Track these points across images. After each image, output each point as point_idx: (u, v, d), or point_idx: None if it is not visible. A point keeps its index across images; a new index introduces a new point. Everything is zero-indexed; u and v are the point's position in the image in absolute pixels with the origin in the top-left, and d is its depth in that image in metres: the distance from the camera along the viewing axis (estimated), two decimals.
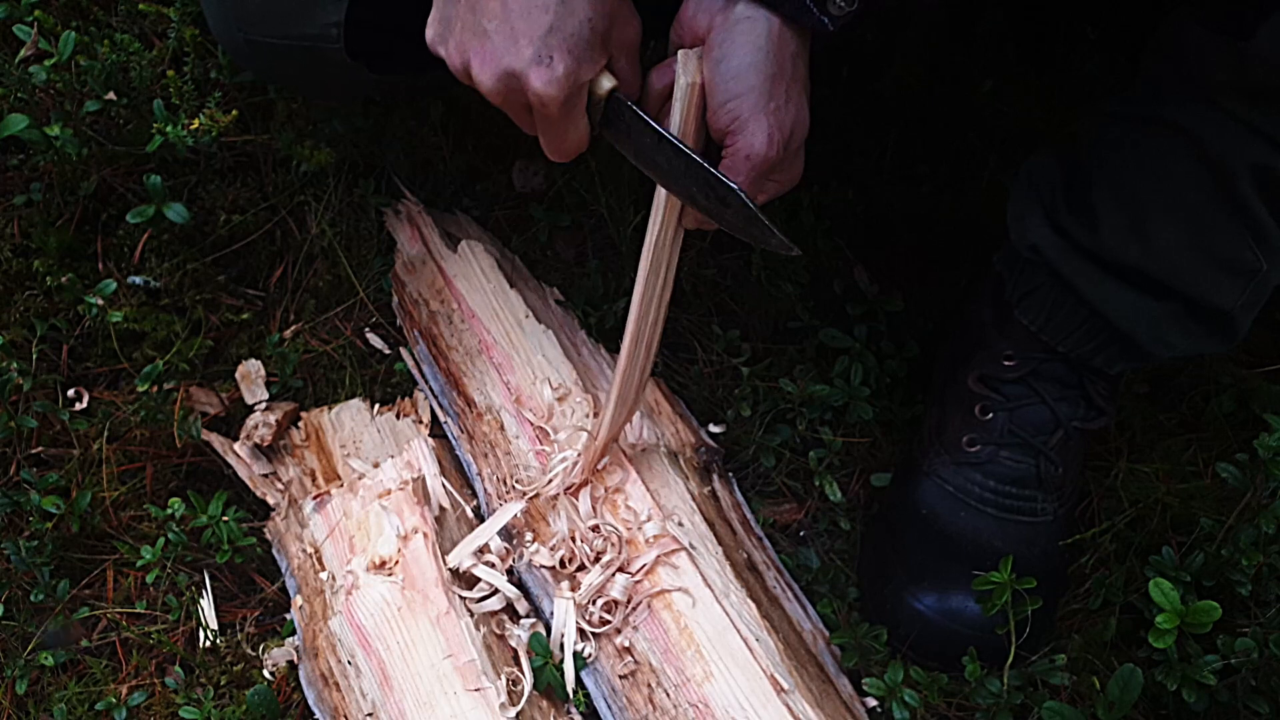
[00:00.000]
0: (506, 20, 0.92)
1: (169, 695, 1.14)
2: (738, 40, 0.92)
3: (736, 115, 0.93)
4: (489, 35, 0.93)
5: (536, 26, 0.91)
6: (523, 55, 0.92)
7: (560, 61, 0.92)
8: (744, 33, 0.92)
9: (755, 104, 0.92)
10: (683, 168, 0.96)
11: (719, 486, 1.24)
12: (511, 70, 0.93)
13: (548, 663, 1.06)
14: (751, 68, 0.92)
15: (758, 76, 0.92)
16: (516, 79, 0.94)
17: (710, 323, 1.40)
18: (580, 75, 0.94)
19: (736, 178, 0.94)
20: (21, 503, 1.21)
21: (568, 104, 0.95)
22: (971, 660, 1.09)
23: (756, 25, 0.92)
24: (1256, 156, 1.02)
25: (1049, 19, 1.56)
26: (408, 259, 1.39)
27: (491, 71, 0.94)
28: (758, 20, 0.91)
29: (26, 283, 1.38)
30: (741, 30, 0.92)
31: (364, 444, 1.29)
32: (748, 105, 0.92)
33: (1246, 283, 1.09)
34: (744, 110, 0.92)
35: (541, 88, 0.93)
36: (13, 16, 1.31)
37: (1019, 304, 1.19)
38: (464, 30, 0.95)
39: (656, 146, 0.97)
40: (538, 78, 0.92)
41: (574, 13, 0.92)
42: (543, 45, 0.92)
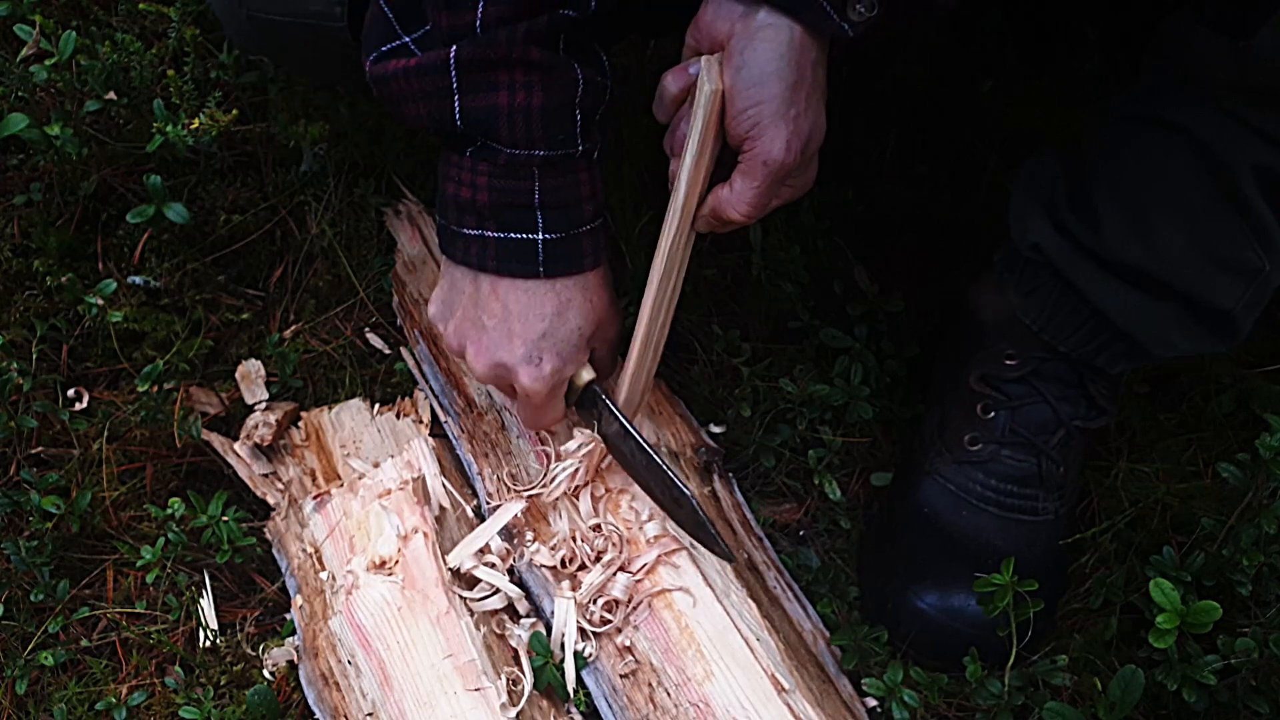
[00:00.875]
0: (505, 321, 1.05)
1: (169, 695, 1.14)
2: (759, 47, 0.92)
3: (756, 122, 0.93)
4: (487, 330, 1.06)
5: (532, 331, 1.05)
6: (515, 353, 1.06)
7: (548, 363, 1.06)
8: (766, 40, 0.92)
9: (775, 111, 0.93)
10: (644, 462, 1.09)
11: (719, 486, 1.24)
12: (503, 363, 1.07)
13: (548, 662, 1.06)
14: (773, 75, 0.92)
15: (779, 84, 0.92)
16: (507, 370, 1.07)
17: (710, 323, 1.40)
18: (564, 374, 1.08)
19: (753, 182, 0.96)
20: (21, 503, 1.21)
21: (550, 395, 1.08)
22: (973, 660, 1.09)
23: (779, 33, 0.92)
24: (1258, 157, 1.02)
25: (1049, 19, 1.56)
26: (408, 259, 1.39)
27: (485, 361, 1.07)
28: (780, 28, 0.92)
29: (26, 283, 1.39)
30: (763, 38, 0.92)
31: (364, 444, 1.29)
32: (768, 112, 0.93)
33: (1248, 283, 1.09)
34: (764, 117, 0.93)
35: (529, 384, 1.07)
36: (14, 16, 1.31)
37: (1020, 304, 1.19)
38: (464, 319, 1.08)
39: (622, 438, 1.10)
40: (526, 375, 1.06)
41: (566, 322, 1.06)
42: (534, 347, 1.05)
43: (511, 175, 1.00)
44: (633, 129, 1.45)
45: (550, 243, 1.03)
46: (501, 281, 1.04)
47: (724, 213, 1.00)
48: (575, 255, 1.05)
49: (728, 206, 0.99)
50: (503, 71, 0.96)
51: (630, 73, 1.50)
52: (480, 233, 1.03)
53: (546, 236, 1.03)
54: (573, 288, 1.05)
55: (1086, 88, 1.55)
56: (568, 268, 1.04)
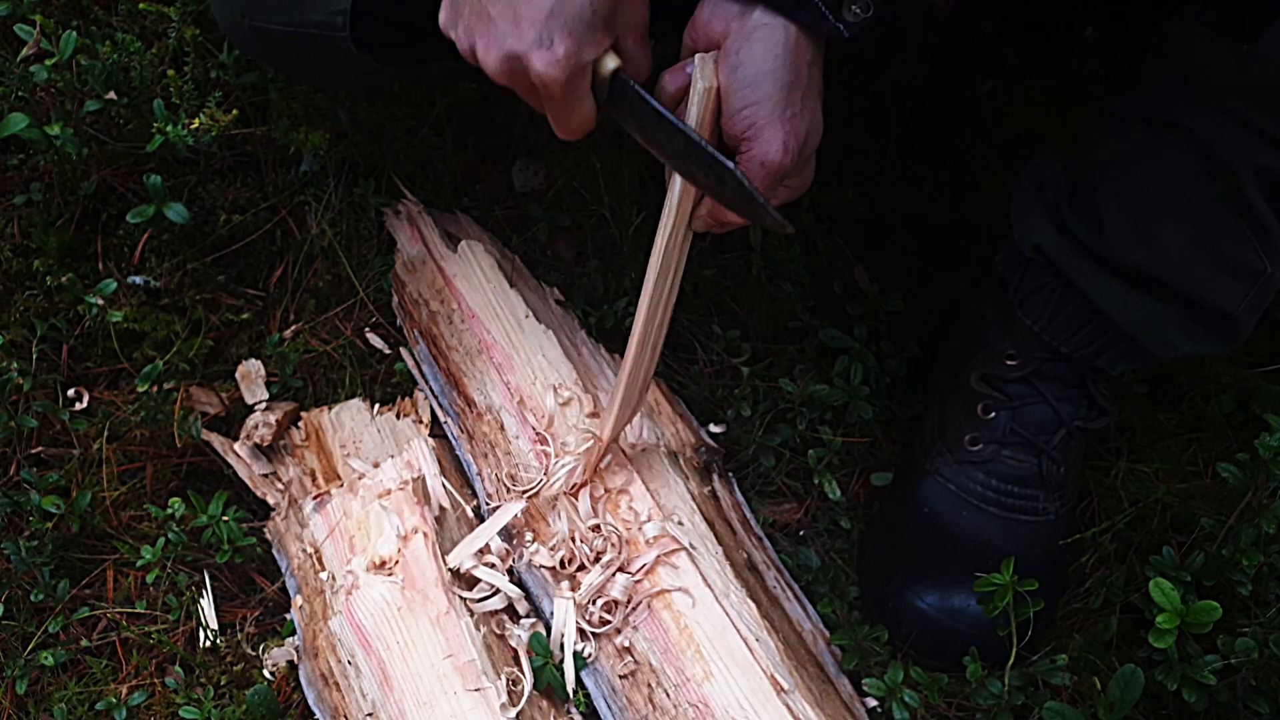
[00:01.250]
0: (510, 5, 0.94)
1: (169, 695, 1.14)
2: (755, 47, 0.92)
3: (752, 122, 0.93)
4: (493, 19, 0.95)
5: (538, 10, 0.93)
6: (525, 38, 0.94)
7: (561, 44, 0.94)
8: (761, 40, 0.92)
9: (771, 111, 0.92)
10: (682, 147, 0.97)
11: (719, 486, 1.24)
12: (514, 53, 0.95)
13: (548, 663, 1.06)
14: (768, 75, 0.92)
15: (774, 84, 0.92)
16: (519, 61, 0.95)
17: (710, 323, 1.40)
18: (581, 57, 0.95)
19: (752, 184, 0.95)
20: (21, 503, 1.21)
21: (570, 85, 0.96)
22: (973, 660, 1.09)
23: (774, 33, 0.92)
24: (1262, 159, 1.02)
25: (1049, 19, 1.56)
26: (408, 259, 1.39)
27: (495, 54, 0.96)
28: (775, 28, 0.92)
29: (26, 283, 1.38)
30: (759, 37, 0.92)
31: (364, 444, 1.29)
32: (764, 112, 0.92)
33: (1250, 285, 1.09)
34: (760, 117, 0.93)
35: (543, 69, 0.95)
36: (14, 15, 1.31)
37: (1022, 304, 1.19)
38: (471, 14, 0.97)
39: (658, 126, 0.98)
40: (539, 60, 0.94)
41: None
42: (544, 28, 0.94)
43: None
44: None
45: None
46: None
47: (722, 214, 0.99)
48: None
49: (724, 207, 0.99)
50: None
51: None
52: None
53: None
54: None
55: (1086, 88, 1.55)
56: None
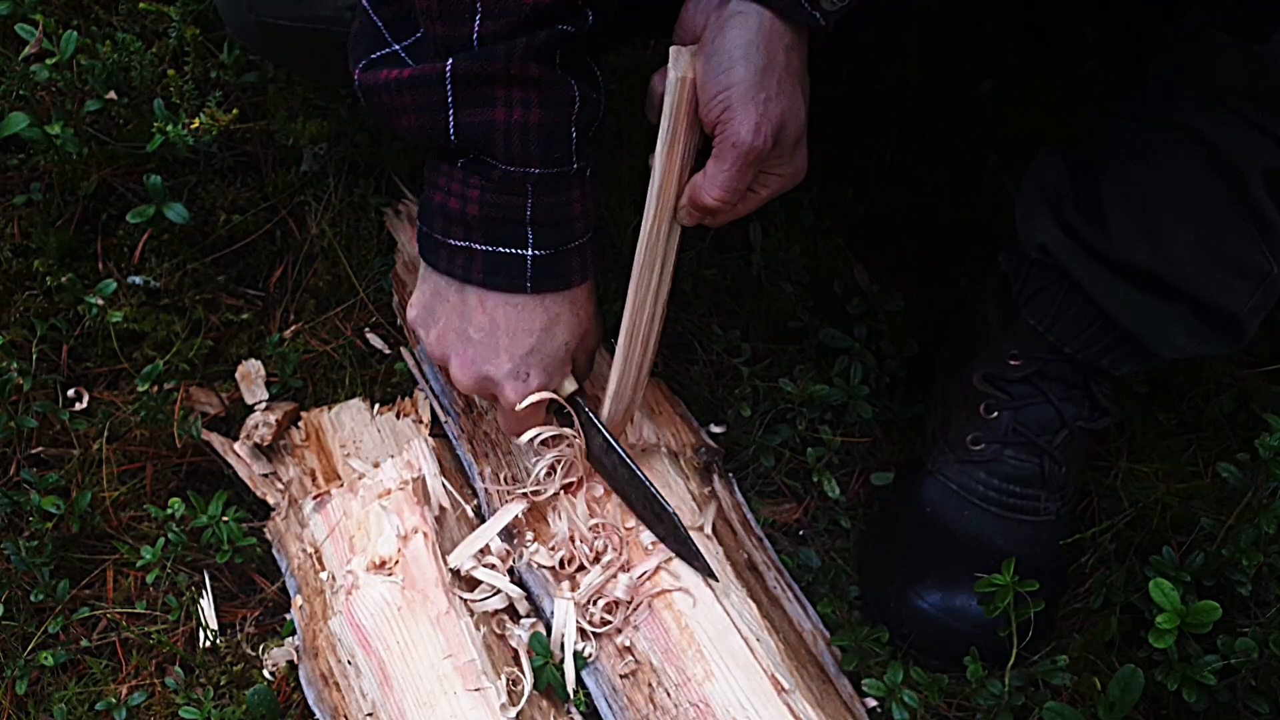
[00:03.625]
0: (493, 335, 1.04)
1: (169, 695, 1.14)
2: (729, 35, 0.92)
3: (726, 105, 0.93)
4: (473, 342, 1.05)
5: (519, 346, 1.05)
6: (502, 368, 1.05)
7: (535, 378, 1.06)
8: (735, 27, 0.92)
9: (744, 94, 0.93)
10: (627, 476, 1.09)
11: (719, 486, 1.24)
12: (489, 377, 1.06)
13: (548, 662, 1.06)
14: (741, 60, 0.92)
15: (747, 69, 0.92)
16: (492, 384, 1.07)
17: (710, 323, 1.40)
18: (550, 387, 1.08)
19: (723, 165, 0.96)
20: (21, 503, 1.21)
21: (534, 408, 1.08)
22: (973, 660, 1.09)
23: (748, 20, 0.92)
24: (1269, 160, 1.02)
25: (1049, 19, 1.56)
26: (408, 259, 1.39)
27: (471, 373, 1.06)
28: (749, 15, 0.92)
29: (26, 283, 1.39)
30: (733, 24, 0.93)
31: (364, 444, 1.29)
32: (736, 96, 0.93)
33: (1256, 285, 1.09)
34: (733, 100, 0.93)
35: (515, 398, 1.06)
36: (15, 15, 1.31)
37: (1026, 304, 1.19)
38: (448, 329, 1.06)
39: (605, 450, 1.10)
40: (513, 390, 1.06)
41: (554, 338, 1.05)
42: (522, 363, 1.05)
43: (505, 191, 0.99)
44: (631, 129, 1.45)
45: (539, 259, 1.02)
46: (489, 295, 1.03)
47: (699, 198, 0.99)
48: (563, 272, 1.03)
49: (702, 191, 0.98)
50: (500, 87, 0.94)
51: (629, 73, 1.50)
52: (468, 244, 1.02)
53: (536, 253, 1.01)
54: (561, 302, 1.05)
55: (1086, 88, 1.55)
56: (554, 284, 1.03)
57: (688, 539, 1.07)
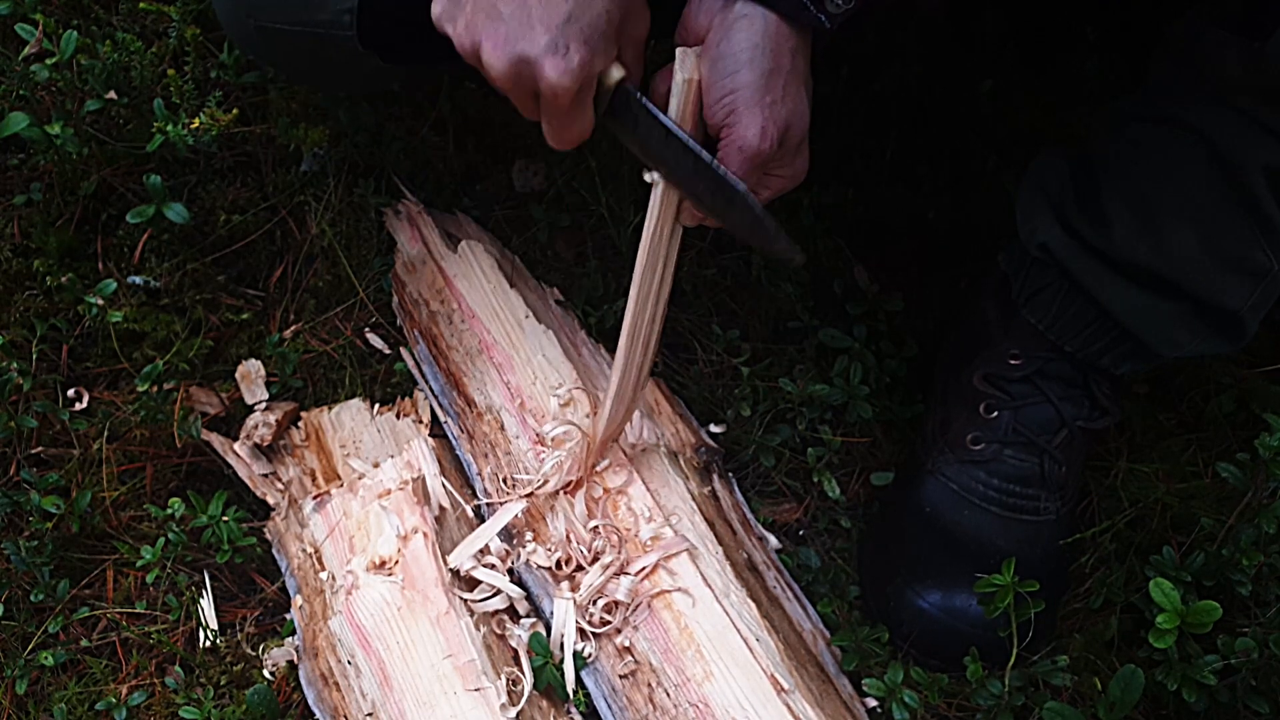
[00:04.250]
0: (524, 7, 0.91)
1: (169, 695, 1.14)
2: (735, 37, 0.92)
3: (732, 109, 0.93)
4: (503, 18, 0.92)
5: (555, 14, 0.91)
6: (538, 42, 0.91)
7: (576, 52, 0.91)
8: (741, 29, 0.92)
9: (750, 98, 0.93)
10: (690, 164, 0.96)
11: (719, 486, 1.24)
12: (525, 56, 0.92)
13: (548, 662, 1.06)
14: (747, 63, 0.92)
15: (753, 72, 0.92)
16: (529, 65, 0.92)
17: (710, 323, 1.40)
18: (594, 66, 0.93)
19: (730, 169, 0.95)
20: (21, 503, 1.21)
21: (579, 94, 0.94)
22: (973, 660, 1.09)
23: (754, 23, 0.92)
24: (1271, 158, 1.02)
25: (1049, 19, 1.56)
26: (408, 259, 1.39)
27: (504, 56, 0.92)
28: (755, 17, 0.92)
29: (26, 283, 1.38)
30: (739, 28, 0.92)
31: (364, 444, 1.29)
32: (742, 99, 0.93)
33: (1257, 283, 1.09)
34: (739, 104, 0.93)
35: (556, 77, 0.92)
36: (15, 15, 1.31)
37: (1026, 303, 1.19)
38: (476, 10, 0.93)
39: (664, 142, 0.96)
40: (553, 67, 0.91)
41: (593, 5, 0.92)
42: (560, 34, 0.91)
43: None
44: None
45: None
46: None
47: None
48: None
49: None
50: None
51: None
52: None
53: None
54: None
55: (1086, 88, 1.55)
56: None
57: (763, 219, 0.96)
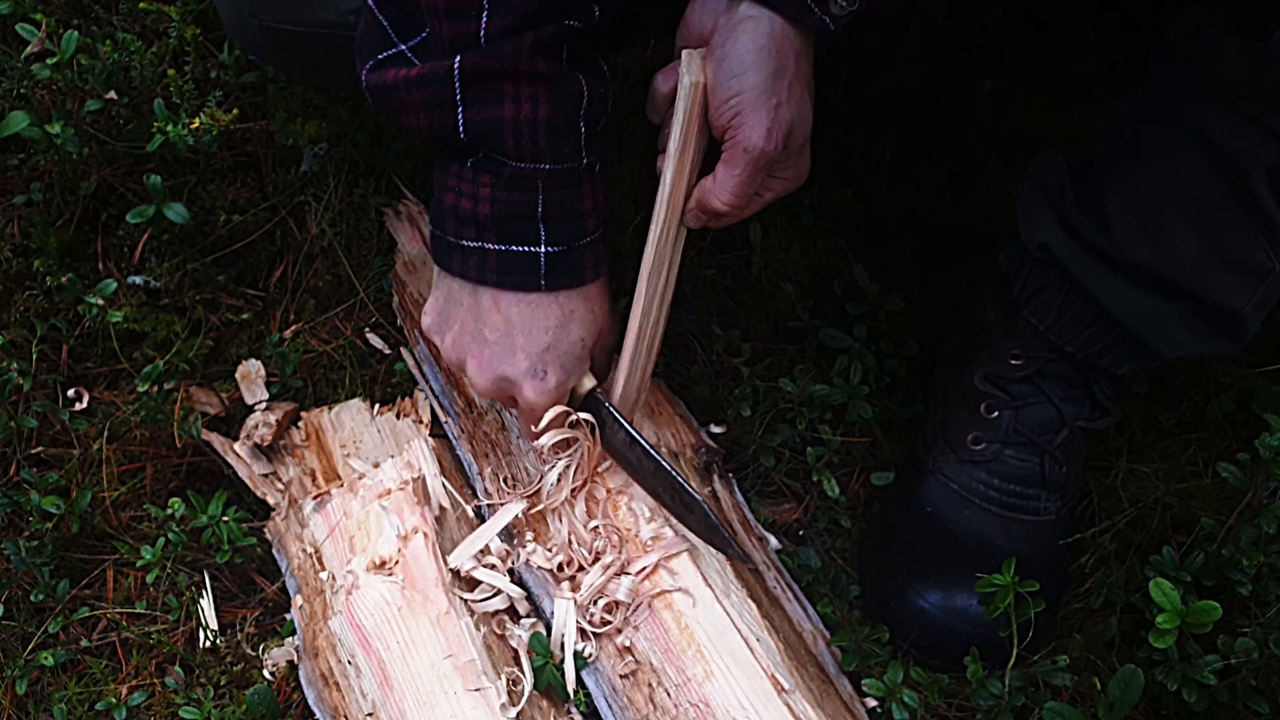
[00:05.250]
0: (508, 334, 1.04)
1: (169, 695, 1.14)
2: (740, 39, 0.93)
3: (737, 111, 0.94)
4: (489, 343, 1.05)
5: (535, 344, 1.04)
6: (519, 367, 1.05)
7: (553, 376, 1.06)
8: (746, 32, 0.93)
9: (755, 100, 0.93)
10: (652, 468, 1.08)
11: (719, 486, 1.24)
12: (507, 377, 1.06)
13: (548, 662, 1.06)
14: (753, 65, 0.93)
15: (759, 74, 0.93)
16: (510, 384, 1.06)
17: (710, 323, 1.40)
18: (568, 385, 1.08)
19: (734, 171, 0.96)
20: (21, 503, 1.21)
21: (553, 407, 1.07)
22: (973, 660, 1.09)
23: (759, 25, 0.93)
24: (1271, 157, 1.02)
25: (1049, 19, 1.56)
26: (408, 259, 1.39)
27: (488, 375, 1.06)
28: (760, 20, 0.92)
29: (26, 283, 1.39)
30: (744, 29, 0.93)
31: (364, 444, 1.29)
32: (748, 101, 0.93)
33: (1258, 283, 1.09)
34: (744, 106, 0.93)
35: (534, 397, 1.06)
36: (16, 14, 1.31)
37: (1027, 303, 1.19)
38: (463, 332, 1.06)
39: (629, 445, 1.09)
40: (531, 389, 1.06)
41: (570, 334, 1.05)
42: (539, 360, 1.05)
43: (515, 188, 0.98)
44: (632, 129, 1.45)
45: (552, 256, 1.02)
46: (504, 294, 1.03)
47: (708, 202, 1.00)
48: (577, 268, 1.04)
49: (711, 196, 0.99)
50: (508, 83, 0.94)
51: (630, 73, 1.50)
52: (480, 245, 1.02)
53: (549, 250, 1.01)
54: (575, 299, 1.05)
55: (1086, 88, 1.55)
56: (569, 281, 1.03)
57: (719, 527, 1.06)
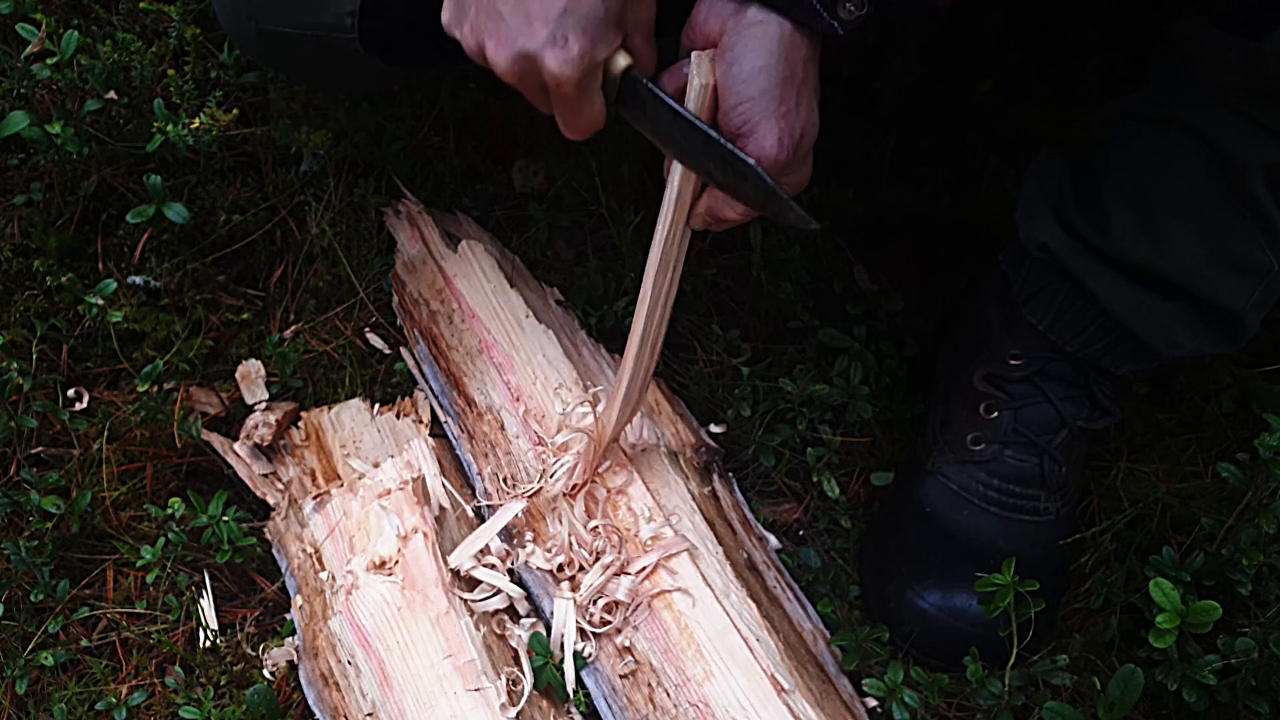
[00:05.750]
0: (521, 3, 0.93)
1: (169, 695, 1.14)
2: (750, 44, 0.92)
3: (748, 118, 0.93)
4: (503, 17, 0.94)
5: (551, 8, 0.93)
6: (537, 36, 0.93)
7: (575, 42, 0.93)
8: (756, 36, 0.92)
9: (766, 107, 0.93)
10: (700, 144, 0.97)
11: (719, 486, 1.24)
12: (526, 52, 0.94)
13: (548, 662, 1.06)
14: (763, 71, 0.92)
15: (769, 80, 0.92)
16: (531, 60, 0.95)
17: (710, 323, 1.40)
18: (595, 55, 0.95)
19: None
20: (21, 503, 1.21)
21: (583, 84, 0.95)
22: (973, 660, 1.09)
23: (769, 29, 0.92)
24: (1270, 156, 1.02)
25: (1049, 19, 1.56)
26: (408, 259, 1.39)
27: (507, 53, 0.95)
28: (770, 25, 0.92)
29: (26, 283, 1.38)
30: (754, 34, 0.92)
31: (364, 444, 1.29)
32: (759, 108, 0.93)
33: (1257, 283, 1.09)
34: (755, 113, 0.93)
35: (557, 68, 0.94)
36: (16, 14, 1.31)
37: (1027, 303, 1.19)
38: (479, 13, 0.96)
39: (673, 123, 0.98)
40: (553, 59, 0.93)
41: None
42: (557, 26, 0.93)
43: None
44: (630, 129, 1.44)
45: None
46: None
47: (719, 211, 0.99)
48: None
49: (723, 204, 0.99)
50: None
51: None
52: None
53: None
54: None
55: (1087, 88, 1.55)
56: None
57: (775, 189, 0.95)
